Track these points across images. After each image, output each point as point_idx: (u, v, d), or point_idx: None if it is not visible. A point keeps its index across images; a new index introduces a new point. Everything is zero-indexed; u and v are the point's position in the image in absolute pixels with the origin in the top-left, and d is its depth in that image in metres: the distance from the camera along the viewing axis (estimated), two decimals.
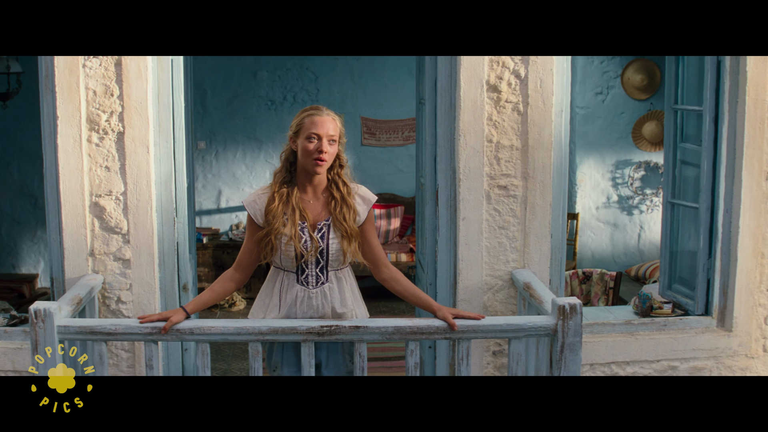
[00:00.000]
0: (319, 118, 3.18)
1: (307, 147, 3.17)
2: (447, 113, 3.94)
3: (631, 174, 8.23)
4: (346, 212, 3.22)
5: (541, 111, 3.93)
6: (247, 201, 3.31)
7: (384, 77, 8.46)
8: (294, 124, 3.25)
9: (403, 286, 3.34)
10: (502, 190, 3.94)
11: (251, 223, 3.29)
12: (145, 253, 3.86)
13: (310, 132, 3.16)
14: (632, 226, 8.35)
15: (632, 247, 8.39)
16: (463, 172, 3.90)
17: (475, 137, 3.88)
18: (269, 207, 3.22)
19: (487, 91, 3.89)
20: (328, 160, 3.18)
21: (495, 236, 3.97)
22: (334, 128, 3.20)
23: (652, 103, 8.13)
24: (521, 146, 3.93)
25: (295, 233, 3.16)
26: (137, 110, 3.79)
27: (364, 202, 3.30)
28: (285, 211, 3.22)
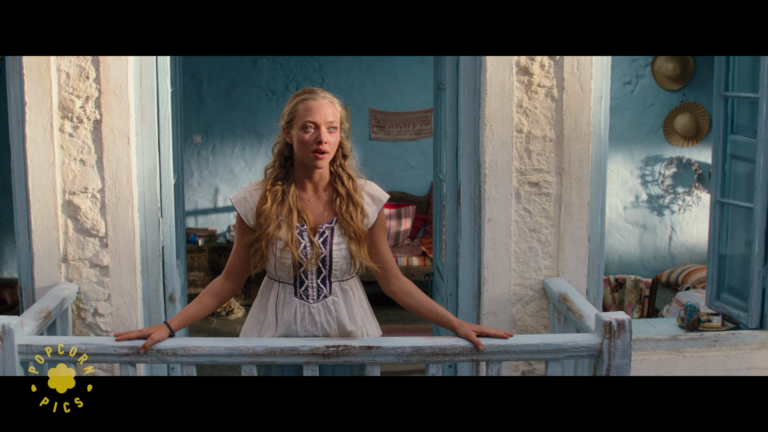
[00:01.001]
0: (315, 103, 2.87)
1: (303, 138, 2.86)
2: (471, 99, 3.66)
3: (662, 171, 8.04)
4: (353, 210, 2.93)
5: (578, 97, 3.63)
6: (236, 198, 3.00)
7: (394, 66, 8.24)
8: (286, 112, 2.93)
9: (417, 300, 3.02)
10: (534, 188, 3.66)
11: (241, 224, 2.99)
12: (126, 258, 3.60)
13: (305, 120, 2.85)
14: (663, 227, 8.17)
15: (663, 250, 8.20)
16: (489, 167, 3.62)
17: (503, 127, 3.60)
18: (261, 207, 2.91)
19: (517, 74, 3.60)
20: (329, 150, 2.88)
21: (525, 240, 3.69)
22: (333, 113, 2.89)
23: (684, 94, 7.92)
24: (555, 137, 3.65)
25: (292, 238, 2.87)
26: (116, 95, 3.52)
27: (373, 201, 3.01)
28: (280, 212, 2.92)
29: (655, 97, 7.95)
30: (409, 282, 3.07)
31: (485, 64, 3.58)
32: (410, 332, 6.29)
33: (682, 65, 7.80)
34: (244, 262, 2.99)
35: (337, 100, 2.94)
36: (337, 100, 2.94)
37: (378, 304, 3.13)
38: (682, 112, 7.88)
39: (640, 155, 8.05)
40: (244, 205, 2.96)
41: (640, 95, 7.95)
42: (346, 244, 2.92)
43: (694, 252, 8.14)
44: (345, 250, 2.93)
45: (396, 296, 3.06)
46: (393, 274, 3.03)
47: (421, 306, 3.02)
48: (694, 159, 7.95)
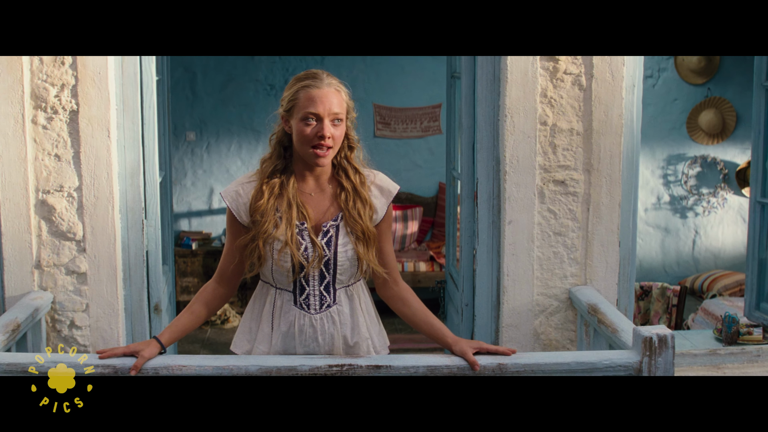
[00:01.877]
0: (318, 92, 2.61)
1: (303, 131, 2.62)
2: (489, 88, 3.46)
3: (685, 171, 7.84)
4: (361, 207, 2.71)
5: (609, 85, 3.42)
6: (227, 192, 2.75)
7: (400, 59, 8.04)
8: (286, 99, 2.69)
9: (413, 308, 2.80)
10: (559, 186, 3.46)
11: (233, 221, 2.74)
12: (106, 264, 3.40)
13: (306, 111, 2.61)
14: (686, 231, 7.97)
15: (686, 255, 7.99)
16: (510, 163, 3.41)
17: (526, 118, 3.39)
18: (256, 203, 2.67)
19: (541, 60, 3.40)
20: (333, 146, 2.65)
21: (549, 244, 3.49)
22: (339, 103, 2.64)
23: (709, 89, 7.69)
24: (583, 130, 3.44)
25: (291, 237, 2.63)
26: (95, 83, 3.31)
27: (382, 194, 2.78)
28: (278, 207, 2.68)
29: (678, 92, 7.74)
30: (407, 288, 2.84)
31: None
32: (417, 342, 6.12)
33: (707, 58, 7.60)
34: (237, 264, 2.76)
35: (344, 88, 2.70)
36: (344, 87, 2.70)
37: (383, 312, 2.93)
38: (707, 107, 7.67)
39: (662, 154, 7.84)
40: (236, 199, 2.72)
41: (663, 90, 7.75)
42: (353, 245, 2.70)
43: (719, 257, 7.96)
44: (351, 252, 2.70)
45: (390, 301, 2.84)
46: (392, 277, 2.82)
47: (416, 316, 2.80)
48: (719, 158, 7.75)
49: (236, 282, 2.82)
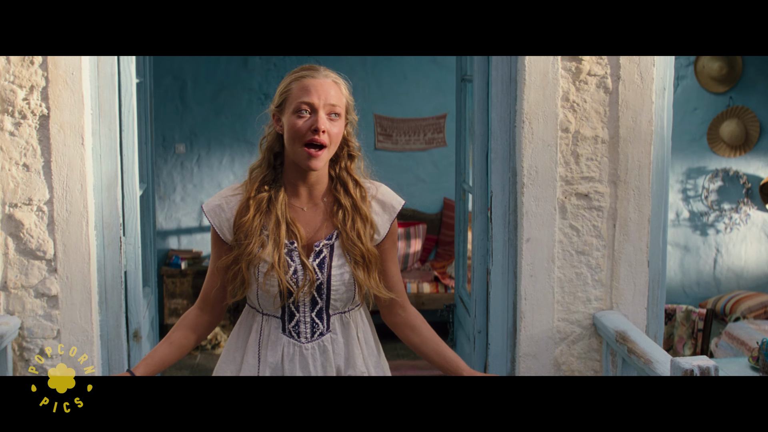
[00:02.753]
0: (314, 81, 2.42)
1: (295, 124, 2.40)
2: (505, 91, 3.29)
3: (706, 185, 7.66)
4: (361, 226, 2.51)
5: (638, 88, 3.25)
6: (209, 206, 2.55)
7: (402, 66, 7.94)
8: (278, 92, 2.49)
9: (423, 337, 2.60)
10: (583, 200, 3.28)
11: (217, 239, 2.55)
12: (79, 286, 3.23)
13: (299, 102, 2.40)
14: (706, 249, 7.78)
15: (707, 275, 7.80)
16: (528, 175, 3.24)
17: (546, 125, 3.22)
18: (241, 219, 2.49)
19: (563, 60, 3.22)
20: (328, 145, 2.42)
21: (571, 264, 3.31)
22: (337, 95, 2.44)
23: (731, 98, 7.50)
24: (609, 138, 3.27)
25: (279, 259, 2.45)
26: (67, 85, 3.13)
27: (384, 210, 2.58)
28: (265, 224, 2.49)
29: (698, 101, 7.56)
30: (416, 314, 2.64)
31: None
32: (421, 369, 5.98)
33: (729, 65, 7.42)
34: (220, 287, 2.56)
35: (343, 82, 2.50)
36: (343, 81, 2.50)
37: (385, 336, 2.77)
38: (729, 117, 7.50)
39: (681, 167, 7.67)
40: (218, 214, 2.53)
41: (682, 98, 7.57)
42: (350, 268, 2.49)
43: (742, 277, 7.76)
44: (348, 275, 2.50)
45: (398, 329, 2.65)
46: (399, 302, 2.62)
47: (427, 346, 2.60)
48: (742, 171, 7.57)
49: (222, 308, 2.63)
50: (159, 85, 7.63)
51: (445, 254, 7.90)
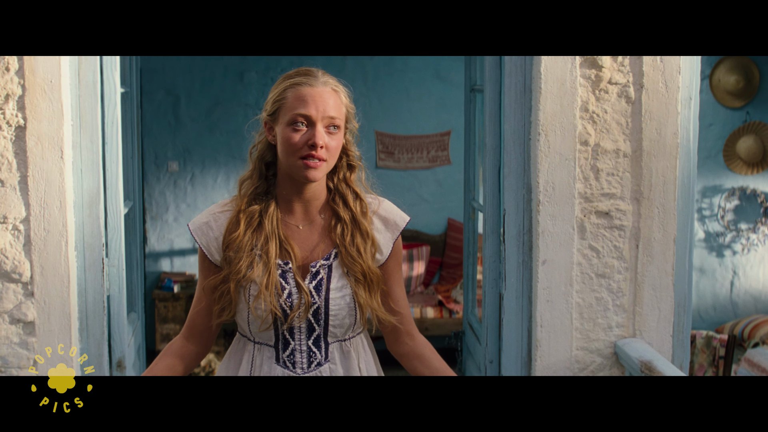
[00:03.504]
0: (311, 90, 2.29)
1: (290, 138, 2.28)
2: (518, 101, 3.16)
3: (722, 204, 7.54)
4: (361, 243, 2.39)
5: (663, 97, 3.11)
6: (195, 224, 2.43)
7: (405, 81, 7.89)
8: (270, 100, 2.36)
9: (433, 367, 2.46)
10: (603, 218, 3.15)
11: (204, 261, 2.44)
12: (58, 312, 3.09)
13: (295, 113, 2.27)
14: (723, 271, 7.65)
15: (723, 298, 7.67)
16: (544, 191, 3.11)
17: (563, 137, 3.09)
18: (230, 236, 2.36)
19: (581, 67, 3.08)
20: (327, 159, 2.30)
21: (591, 288, 3.18)
22: (336, 106, 2.31)
23: (748, 113, 7.39)
24: (631, 151, 3.14)
25: (270, 280, 2.32)
26: (45, 93, 2.99)
27: (386, 227, 2.46)
28: (256, 242, 2.35)
29: (713, 116, 7.46)
30: (425, 342, 2.50)
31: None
32: None
33: (746, 78, 7.33)
34: (209, 312, 2.43)
35: (343, 89, 2.36)
36: (343, 88, 2.36)
37: (388, 364, 2.68)
38: (746, 133, 7.40)
39: (696, 185, 7.48)
40: (205, 233, 2.40)
41: None
42: (352, 289, 2.36)
43: (759, 300, 7.64)
44: (349, 298, 2.37)
45: (405, 359, 2.52)
46: (406, 328, 2.48)
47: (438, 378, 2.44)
48: (760, 189, 7.46)
49: (210, 337, 2.49)
50: (151, 100, 7.67)
51: (450, 277, 7.82)
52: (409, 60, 7.92)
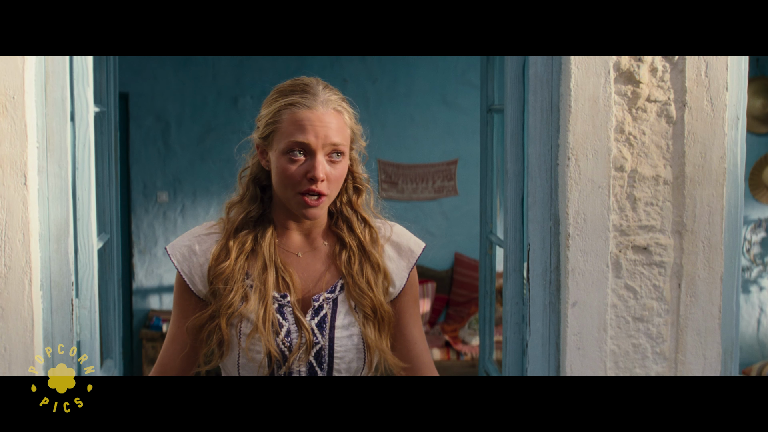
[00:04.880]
0: (309, 114, 2.08)
1: (286, 170, 2.09)
2: (545, 121, 2.93)
3: (748, 236, 7.43)
4: (371, 272, 2.20)
5: (708, 117, 2.88)
6: (175, 248, 2.22)
7: (409, 106, 7.87)
8: (263, 120, 2.15)
9: None
10: (641, 254, 2.93)
11: (184, 291, 2.21)
12: (20, 359, 2.85)
13: (291, 141, 2.08)
14: (749, 308, 7.53)
15: (749, 337, 7.55)
16: (574, 224, 2.89)
17: (596, 162, 2.88)
18: (220, 265, 2.14)
19: (616, 82, 2.86)
20: (328, 192, 2.11)
21: (627, 334, 2.96)
22: (340, 128, 2.11)
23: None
24: (673, 178, 2.92)
25: (267, 315, 2.12)
26: (7, 111, 2.76)
27: (400, 255, 2.27)
28: (249, 270, 2.15)
29: None
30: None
31: (568, 68, 2.83)
32: None
33: None
34: (187, 356, 2.23)
35: (347, 108, 2.15)
36: (347, 107, 2.15)
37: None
38: None
39: None
40: (188, 258, 2.19)
41: None
42: (360, 327, 2.17)
43: None
44: (357, 338, 2.17)
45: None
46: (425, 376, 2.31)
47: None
48: None
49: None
50: (139, 126, 7.66)
51: (457, 316, 7.71)
52: (413, 84, 7.92)
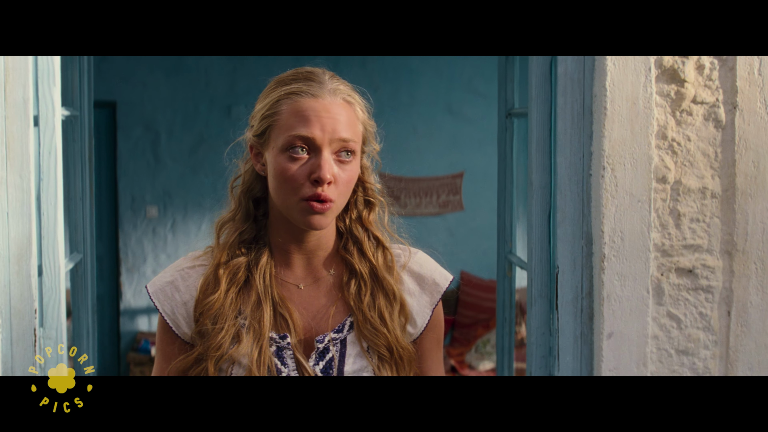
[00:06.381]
0: (315, 103, 1.83)
1: (286, 170, 1.83)
2: (576, 126, 2.65)
3: None
4: (386, 306, 1.93)
5: (762, 121, 2.61)
6: (157, 284, 1.98)
7: (412, 116, 7.83)
8: (258, 114, 1.90)
9: None
10: (685, 278, 2.65)
11: (166, 333, 1.99)
12: None
13: (293, 135, 1.82)
14: None
15: None
16: (611, 243, 2.61)
17: (635, 172, 2.60)
18: (206, 299, 1.90)
19: (658, 81, 2.58)
20: (337, 199, 1.84)
21: (670, 369, 2.69)
22: (350, 123, 1.87)
23: None
24: (722, 190, 2.64)
25: (262, 359, 1.89)
26: None
27: (423, 289, 2.01)
28: (241, 306, 1.91)
29: None
30: None
31: (603, 64, 2.55)
32: None
33: None
34: None
35: (359, 99, 1.91)
36: (359, 98, 1.91)
37: None
38: None
39: None
40: (170, 296, 1.95)
41: None
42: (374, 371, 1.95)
43: None
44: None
45: None
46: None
47: None
48: None
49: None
50: (127, 136, 7.55)
51: (463, 339, 7.46)
52: (416, 92, 7.83)
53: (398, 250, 1.99)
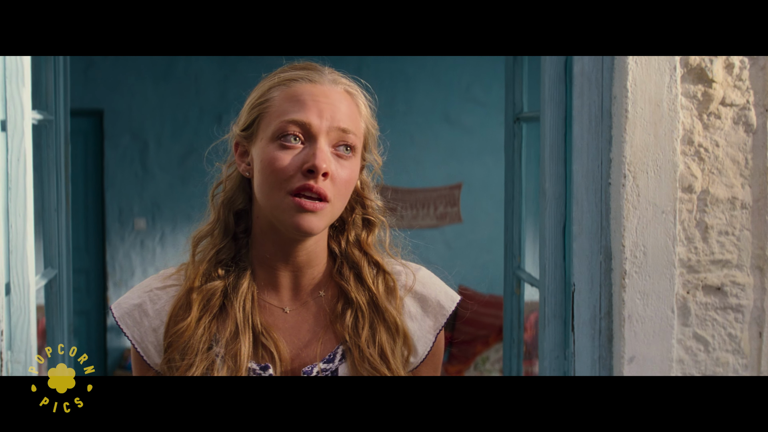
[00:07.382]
0: (312, 88, 1.65)
1: (275, 160, 1.62)
2: (594, 131, 2.51)
3: None
4: (387, 339, 1.75)
5: None
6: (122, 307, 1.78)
7: (408, 124, 7.70)
8: (247, 107, 1.72)
9: None
10: (713, 296, 2.53)
11: (136, 362, 1.85)
12: None
13: (285, 120, 1.62)
14: None
15: None
16: (632, 258, 2.48)
17: (658, 181, 2.47)
18: (177, 325, 1.73)
19: (684, 81, 2.45)
20: (333, 199, 1.64)
21: None
22: (351, 114, 1.69)
23: None
24: (753, 201, 2.52)
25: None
26: None
27: (426, 312, 1.81)
28: (218, 334, 1.75)
29: None
30: None
31: (624, 63, 2.41)
32: None
33: None
34: None
35: (362, 94, 1.73)
36: (360, 91, 1.73)
37: None
38: None
39: None
40: (138, 321, 1.80)
41: None
42: None
43: None
44: None
45: None
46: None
47: None
48: None
49: None
50: (115, 146, 7.46)
51: (462, 356, 7.32)
52: (413, 100, 7.77)
53: (398, 266, 1.80)
